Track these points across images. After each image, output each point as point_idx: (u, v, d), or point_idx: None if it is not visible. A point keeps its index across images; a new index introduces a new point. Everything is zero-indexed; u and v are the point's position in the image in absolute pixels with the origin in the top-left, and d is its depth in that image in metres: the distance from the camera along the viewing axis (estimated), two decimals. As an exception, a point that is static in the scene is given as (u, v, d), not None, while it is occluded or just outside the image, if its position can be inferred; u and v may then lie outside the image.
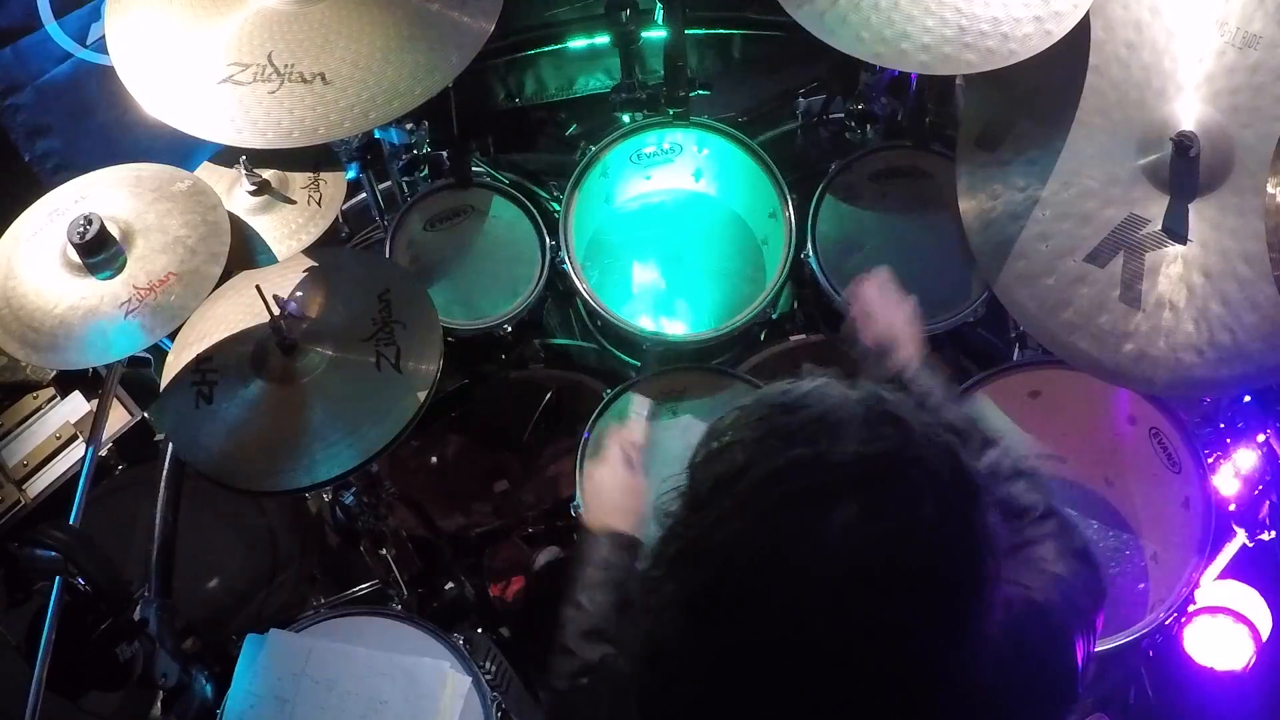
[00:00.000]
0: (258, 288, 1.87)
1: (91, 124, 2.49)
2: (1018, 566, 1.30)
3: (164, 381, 2.04)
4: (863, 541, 0.98)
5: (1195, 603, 2.15)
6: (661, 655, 1.10)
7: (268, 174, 2.23)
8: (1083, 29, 2.05)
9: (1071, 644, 1.32)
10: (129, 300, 1.89)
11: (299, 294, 2.08)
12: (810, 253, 2.46)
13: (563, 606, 1.60)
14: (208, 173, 2.23)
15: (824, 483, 0.99)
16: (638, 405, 2.06)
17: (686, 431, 2.43)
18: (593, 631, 1.56)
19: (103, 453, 2.37)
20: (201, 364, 2.02)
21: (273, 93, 2.02)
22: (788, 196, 2.50)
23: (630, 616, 1.59)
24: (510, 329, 2.44)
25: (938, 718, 1.04)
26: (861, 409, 1.04)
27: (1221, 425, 2.30)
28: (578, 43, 3.10)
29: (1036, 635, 1.27)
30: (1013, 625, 1.07)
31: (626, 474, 1.78)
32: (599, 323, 2.51)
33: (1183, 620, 2.18)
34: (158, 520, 2.30)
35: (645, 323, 2.53)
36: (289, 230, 2.22)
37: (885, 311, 1.85)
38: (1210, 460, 2.21)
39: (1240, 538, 2.24)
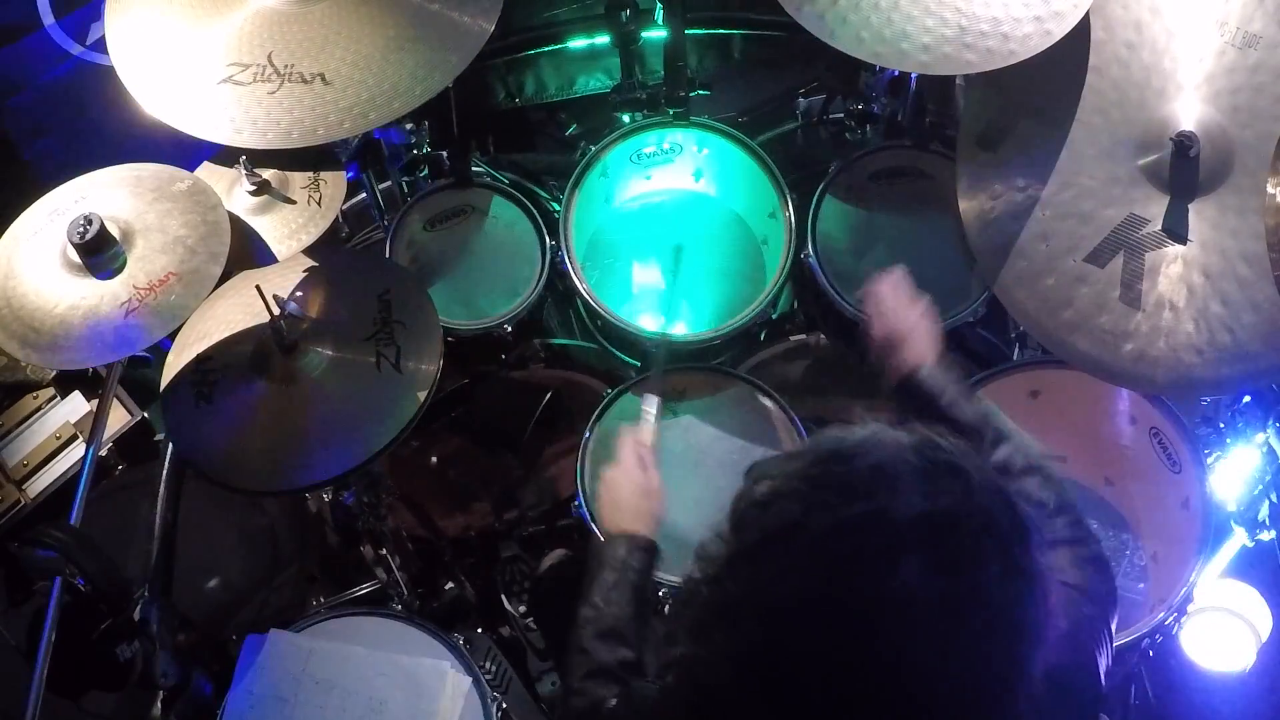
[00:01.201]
0: (258, 288, 1.87)
1: (91, 124, 2.49)
2: None
3: (164, 381, 2.04)
4: (927, 598, 0.97)
5: (1195, 603, 2.15)
6: (710, 705, 1.08)
7: (268, 174, 2.23)
8: (1083, 29, 2.05)
9: (1096, 664, 1.32)
10: (129, 300, 1.89)
11: (299, 294, 2.08)
12: (810, 253, 2.45)
13: (579, 606, 1.61)
14: (208, 173, 2.23)
15: (886, 541, 0.98)
16: (646, 404, 2.05)
17: (687, 432, 2.43)
18: (610, 633, 1.56)
19: (103, 453, 2.37)
20: (201, 364, 2.02)
21: (272, 93, 2.02)
22: (788, 196, 2.50)
23: (656, 639, 1.58)
24: (510, 329, 2.44)
25: None
26: (918, 458, 1.03)
27: (1221, 425, 2.30)
28: (578, 43, 3.10)
29: (1069, 667, 1.27)
30: (1052, 662, 1.07)
31: (640, 476, 1.79)
32: (599, 323, 2.51)
33: (1183, 620, 2.18)
34: (158, 520, 2.30)
35: (645, 323, 2.53)
36: (289, 230, 2.22)
37: (898, 309, 1.87)
38: (1210, 460, 2.21)
39: (1240, 538, 2.24)
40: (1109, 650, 1.36)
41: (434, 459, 2.73)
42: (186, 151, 2.21)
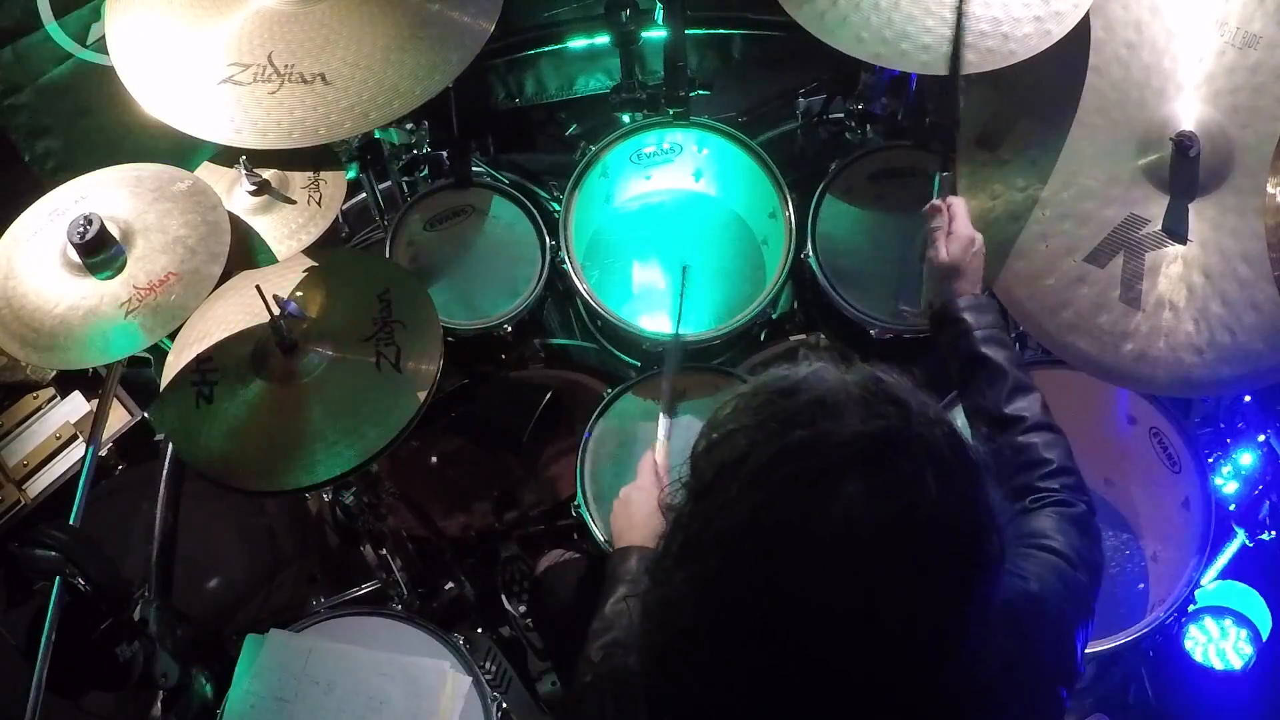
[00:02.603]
0: (258, 288, 1.87)
1: (91, 124, 2.49)
2: (1015, 550, 1.31)
3: (164, 381, 2.04)
4: (868, 519, 0.98)
5: (1195, 603, 2.15)
6: (672, 648, 1.10)
7: (268, 174, 2.23)
8: (1083, 29, 2.05)
9: (1071, 631, 1.33)
10: (129, 300, 1.89)
11: (299, 294, 2.08)
12: (810, 253, 2.46)
13: (592, 620, 1.63)
14: (208, 173, 2.23)
15: (826, 463, 1.00)
16: (661, 427, 2.13)
17: (687, 431, 2.42)
18: (617, 644, 1.57)
19: (103, 453, 2.37)
20: (201, 364, 2.02)
21: (273, 93, 2.02)
22: (788, 196, 2.50)
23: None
24: (510, 329, 2.44)
25: (940, 699, 1.04)
26: (859, 390, 1.06)
27: (1221, 425, 2.30)
28: (578, 43, 3.10)
29: (1036, 627, 1.28)
30: (1011, 615, 1.08)
31: (656, 495, 1.82)
32: (599, 323, 2.51)
33: (1183, 620, 2.18)
34: (158, 520, 2.31)
35: (645, 323, 2.53)
36: (289, 230, 2.22)
37: (964, 236, 1.91)
38: (1210, 460, 2.21)
39: (1240, 538, 2.24)
40: (1089, 624, 1.37)
41: (434, 459, 2.73)
42: (186, 151, 2.22)
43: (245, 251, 2.14)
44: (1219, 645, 2.23)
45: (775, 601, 1.00)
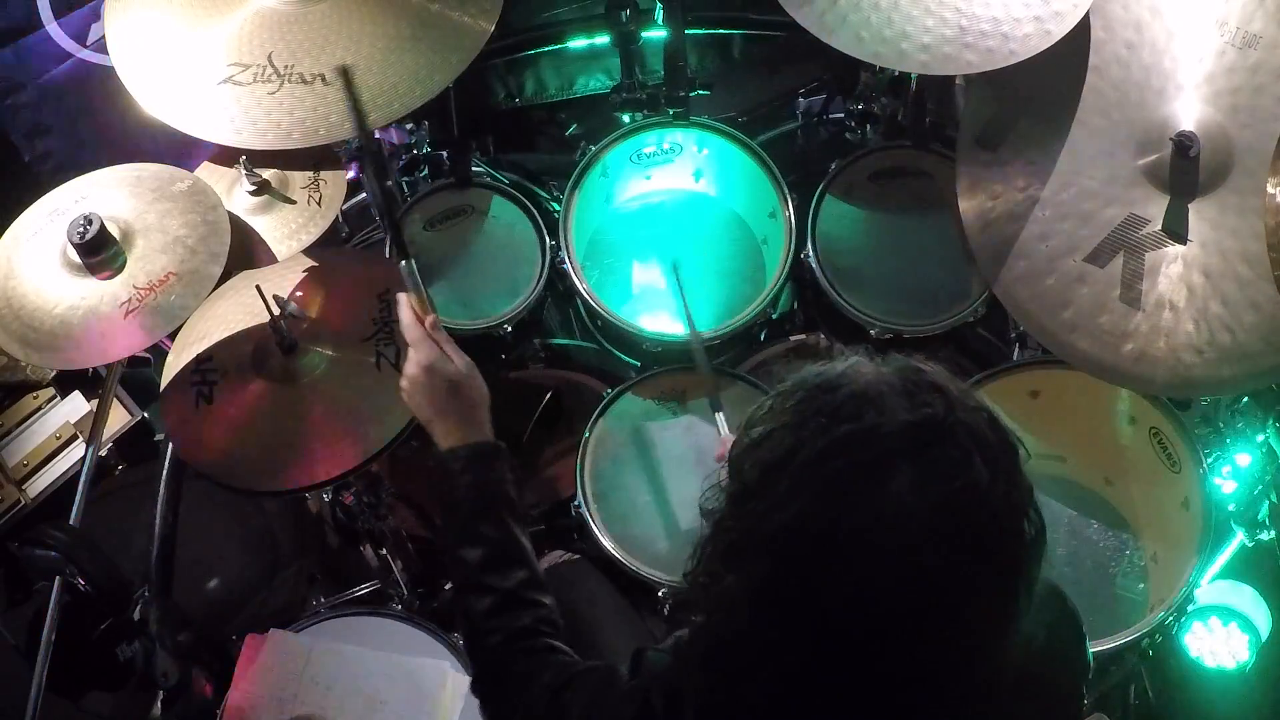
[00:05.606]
0: (258, 288, 1.87)
1: (91, 124, 2.49)
2: None
3: (164, 381, 2.04)
4: (922, 504, 0.98)
5: (1195, 603, 2.15)
6: (723, 651, 1.10)
7: (268, 174, 2.23)
8: (1083, 29, 2.05)
9: (1082, 627, 1.33)
10: (129, 300, 1.89)
11: (299, 294, 2.08)
12: (810, 253, 2.45)
13: (452, 544, 1.53)
14: (208, 173, 2.23)
15: (876, 454, 1.00)
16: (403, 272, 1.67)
17: (688, 431, 2.43)
18: (499, 559, 1.51)
19: (103, 453, 2.37)
20: (201, 364, 2.02)
21: (273, 93, 2.02)
22: (788, 196, 2.50)
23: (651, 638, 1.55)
24: (510, 329, 2.44)
25: (995, 682, 1.05)
26: (900, 380, 1.05)
27: (1221, 425, 2.30)
28: (578, 43, 3.10)
29: (1061, 613, 1.28)
30: (1043, 600, 1.08)
31: (449, 364, 1.61)
32: (599, 323, 2.51)
33: (1183, 620, 2.18)
34: (158, 520, 2.30)
35: (645, 323, 2.53)
36: (289, 230, 2.22)
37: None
38: (1210, 460, 2.21)
39: (1240, 538, 2.24)
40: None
41: (434, 459, 2.73)
42: (186, 151, 2.22)
43: (245, 251, 2.14)
44: (1219, 645, 2.22)
45: (832, 596, 1.00)
